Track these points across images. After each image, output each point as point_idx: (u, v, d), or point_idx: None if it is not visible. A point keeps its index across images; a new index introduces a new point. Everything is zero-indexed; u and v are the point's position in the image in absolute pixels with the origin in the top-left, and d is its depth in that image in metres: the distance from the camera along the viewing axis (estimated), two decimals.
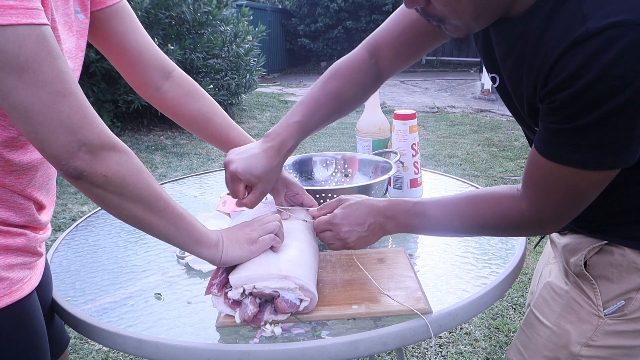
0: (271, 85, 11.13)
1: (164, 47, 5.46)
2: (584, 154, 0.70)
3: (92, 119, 0.68)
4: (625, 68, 0.61)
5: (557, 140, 0.71)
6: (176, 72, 1.04)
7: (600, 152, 0.69)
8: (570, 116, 0.67)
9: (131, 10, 0.97)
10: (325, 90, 1.00)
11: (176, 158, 5.04)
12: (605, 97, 0.63)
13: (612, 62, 0.61)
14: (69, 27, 0.80)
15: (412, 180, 1.34)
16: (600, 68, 0.62)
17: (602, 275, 0.88)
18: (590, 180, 0.73)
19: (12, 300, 0.75)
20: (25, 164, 0.77)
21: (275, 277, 0.80)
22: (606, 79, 0.62)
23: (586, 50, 0.63)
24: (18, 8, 0.61)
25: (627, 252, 0.85)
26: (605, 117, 0.65)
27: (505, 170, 4.51)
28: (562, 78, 0.66)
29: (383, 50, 1.00)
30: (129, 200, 0.72)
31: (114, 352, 2.11)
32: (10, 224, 0.77)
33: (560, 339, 0.92)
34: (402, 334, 0.78)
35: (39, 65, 0.63)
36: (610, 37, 0.61)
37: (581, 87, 0.64)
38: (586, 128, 0.67)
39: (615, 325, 0.88)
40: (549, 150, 0.73)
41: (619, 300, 0.87)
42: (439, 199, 0.91)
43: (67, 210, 3.58)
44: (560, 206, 0.78)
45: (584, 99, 0.65)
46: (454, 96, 9.01)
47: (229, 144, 1.05)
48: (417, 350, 2.11)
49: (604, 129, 0.66)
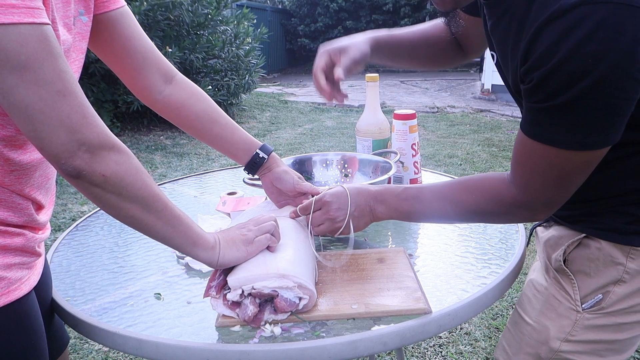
0: (271, 85, 11.13)
1: (162, 49, 5.46)
2: (565, 134, 0.70)
3: (92, 118, 0.68)
4: (597, 44, 0.61)
5: (539, 119, 0.72)
6: (178, 76, 1.05)
7: (580, 131, 0.69)
8: (548, 95, 0.67)
9: (133, 16, 0.97)
10: (424, 29, 1.14)
11: (176, 158, 5.04)
12: (580, 74, 0.63)
13: (584, 38, 0.61)
14: (68, 29, 0.80)
15: (412, 180, 1.34)
16: (572, 44, 0.62)
17: (580, 270, 0.89)
18: (574, 161, 0.73)
19: (9, 300, 0.76)
20: (24, 163, 0.77)
21: (274, 276, 0.80)
22: (579, 55, 0.62)
23: (559, 27, 0.63)
24: (20, 7, 0.61)
25: (603, 245, 0.85)
26: (582, 94, 0.65)
27: (505, 170, 4.49)
28: (537, 56, 0.66)
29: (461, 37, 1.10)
30: (127, 200, 0.72)
31: (113, 352, 2.11)
32: (9, 223, 0.77)
33: (540, 335, 0.92)
34: (402, 334, 0.78)
35: (40, 64, 0.63)
36: (582, 13, 0.61)
37: (555, 64, 0.64)
38: (564, 106, 0.67)
39: (594, 319, 0.88)
40: (533, 129, 0.73)
41: (596, 295, 0.87)
42: (430, 184, 0.92)
43: (67, 210, 3.58)
44: (547, 187, 0.78)
45: (559, 76, 0.65)
46: (454, 96, 9.01)
47: (234, 143, 1.06)
48: (417, 350, 2.11)
49: (581, 107, 0.66)
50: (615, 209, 0.84)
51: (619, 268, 0.85)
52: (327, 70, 1.01)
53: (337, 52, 1.01)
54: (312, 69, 1.05)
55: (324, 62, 1.01)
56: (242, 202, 1.21)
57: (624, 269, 0.84)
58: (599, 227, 0.86)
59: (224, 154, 1.10)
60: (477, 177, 0.87)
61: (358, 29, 13.80)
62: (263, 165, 1.07)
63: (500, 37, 0.79)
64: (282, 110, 7.92)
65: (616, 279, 0.85)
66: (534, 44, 0.67)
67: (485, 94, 8.58)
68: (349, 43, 1.03)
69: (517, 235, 1.10)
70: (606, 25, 0.61)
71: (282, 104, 8.55)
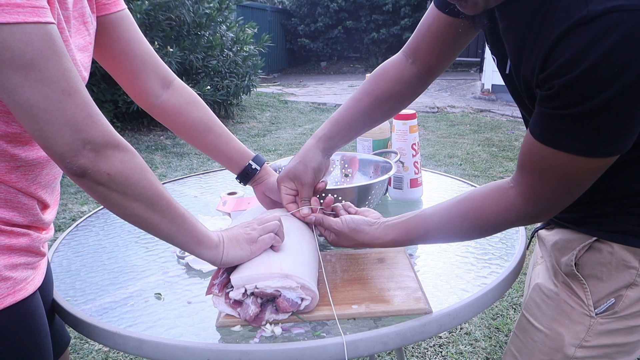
0: (271, 85, 11.14)
1: (163, 49, 5.46)
2: (582, 141, 0.68)
3: (97, 117, 0.68)
4: (624, 54, 0.60)
5: (554, 125, 0.70)
6: (176, 81, 1.05)
7: (599, 139, 0.68)
8: (569, 103, 0.66)
9: (133, 19, 0.98)
10: (361, 88, 1.07)
11: (176, 158, 5.04)
12: (604, 83, 0.62)
13: (611, 47, 0.60)
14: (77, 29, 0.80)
15: (412, 180, 1.34)
16: (599, 54, 0.61)
17: (591, 274, 0.88)
18: (588, 167, 0.71)
19: (15, 300, 0.76)
20: (31, 160, 0.78)
21: (277, 276, 0.80)
22: (605, 64, 0.61)
23: (586, 35, 0.62)
24: (25, 6, 0.61)
25: (616, 248, 0.84)
26: (604, 104, 0.63)
27: (505, 170, 4.51)
28: (561, 63, 0.64)
29: (420, 51, 1.04)
30: (131, 199, 0.72)
31: (114, 352, 2.11)
32: (14, 224, 0.77)
33: (554, 343, 0.91)
34: (402, 334, 0.78)
35: (45, 63, 0.63)
36: (610, 22, 0.60)
37: (580, 73, 0.63)
38: (585, 115, 0.66)
39: (607, 324, 0.87)
40: (546, 135, 0.71)
41: (609, 299, 0.86)
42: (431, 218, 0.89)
43: (67, 210, 3.58)
44: (555, 192, 0.77)
45: (583, 85, 0.63)
46: (454, 96, 9.01)
47: (228, 153, 1.07)
48: (417, 350, 2.11)
49: (602, 116, 0.65)
50: (628, 210, 0.83)
51: (632, 272, 0.84)
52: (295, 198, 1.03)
53: (293, 183, 1.01)
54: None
55: (290, 195, 1.02)
56: (243, 202, 1.21)
57: (636, 272, 0.83)
58: (610, 230, 0.84)
59: (217, 162, 1.11)
60: (480, 197, 0.84)
61: (358, 28, 13.81)
62: (255, 176, 1.08)
63: (515, 39, 0.76)
64: (282, 110, 7.92)
65: (629, 282, 0.84)
66: (556, 50, 0.65)
67: (486, 94, 8.58)
68: (300, 170, 1.00)
69: (517, 235, 1.10)
70: (632, 35, 0.60)
71: (282, 104, 8.55)
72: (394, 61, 1.07)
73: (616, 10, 0.60)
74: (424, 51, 1.03)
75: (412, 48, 1.05)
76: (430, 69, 1.05)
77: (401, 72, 1.05)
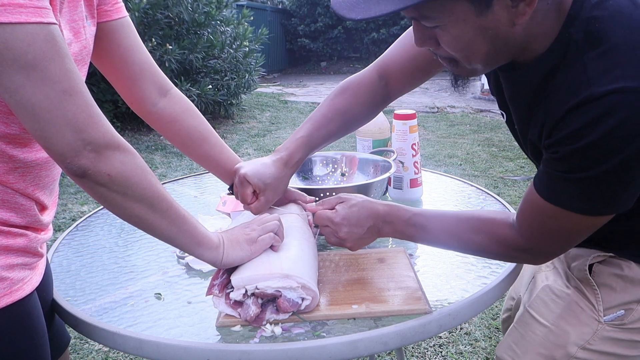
0: (271, 85, 11.14)
1: (162, 47, 5.45)
2: (584, 202, 0.73)
3: (98, 118, 0.68)
4: (626, 132, 0.65)
5: (557, 185, 0.74)
6: (173, 90, 1.05)
7: (597, 200, 0.72)
8: (572, 168, 0.70)
9: (134, 27, 0.98)
10: (333, 106, 1.05)
11: (176, 158, 5.04)
12: (607, 154, 0.67)
13: (615, 125, 0.65)
14: (75, 32, 0.80)
15: (412, 180, 1.34)
16: (604, 129, 0.65)
17: (605, 283, 0.90)
18: (585, 223, 0.76)
19: (12, 300, 0.76)
20: (29, 162, 0.78)
21: (277, 276, 0.80)
22: (608, 139, 0.65)
23: (591, 112, 0.66)
24: (27, 7, 0.61)
25: (633, 266, 0.87)
26: (605, 172, 0.68)
27: (505, 170, 4.51)
28: (566, 133, 0.69)
29: (393, 73, 1.04)
30: (132, 200, 0.72)
31: (114, 352, 2.11)
32: (12, 224, 0.77)
33: (558, 339, 0.93)
34: (402, 334, 0.78)
35: (47, 63, 0.63)
36: (613, 102, 0.64)
37: (584, 144, 0.67)
38: (586, 179, 0.70)
39: (613, 332, 0.89)
40: (549, 193, 0.75)
41: (619, 309, 0.89)
42: (438, 214, 0.92)
43: (67, 210, 3.58)
44: (552, 243, 0.81)
45: (587, 155, 0.68)
46: (453, 96, 9.01)
47: (221, 163, 1.07)
48: (417, 350, 2.11)
49: (602, 182, 0.69)
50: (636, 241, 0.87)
51: None
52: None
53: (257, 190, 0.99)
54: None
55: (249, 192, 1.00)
56: None
57: None
58: (629, 252, 0.88)
59: (210, 172, 1.11)
60: (485, 218, 0.88)
61: (358, 29, 13.80)
62: None
63: (522, 107, 0.81)
64: (282, 110, 7.92)
65: None
66: (562, 122, 0.70)
67: (485, 94, 8.58)
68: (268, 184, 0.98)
69: None
70: (634, 114, 0.64)
71: (282, 104, 8.55)
72: (366, 81, 1.06)
73: (617, 92, 0.64)
74: (397, 72, 1.04)
75: (385, 68, 1.05)
76: (399, 91, 1.07)
77: (373, 96, 1.06)
